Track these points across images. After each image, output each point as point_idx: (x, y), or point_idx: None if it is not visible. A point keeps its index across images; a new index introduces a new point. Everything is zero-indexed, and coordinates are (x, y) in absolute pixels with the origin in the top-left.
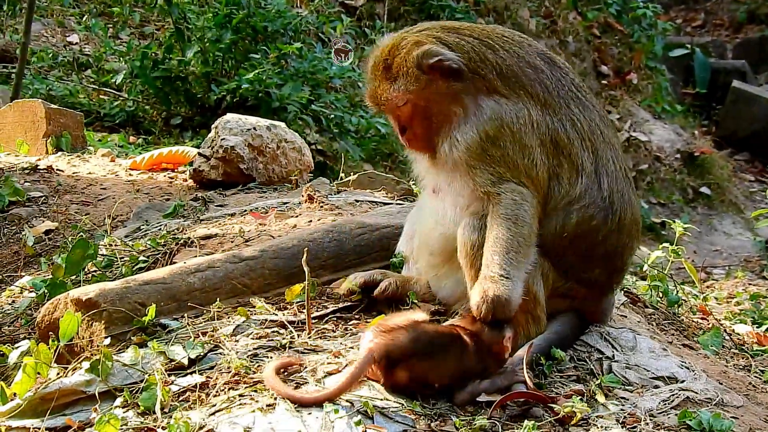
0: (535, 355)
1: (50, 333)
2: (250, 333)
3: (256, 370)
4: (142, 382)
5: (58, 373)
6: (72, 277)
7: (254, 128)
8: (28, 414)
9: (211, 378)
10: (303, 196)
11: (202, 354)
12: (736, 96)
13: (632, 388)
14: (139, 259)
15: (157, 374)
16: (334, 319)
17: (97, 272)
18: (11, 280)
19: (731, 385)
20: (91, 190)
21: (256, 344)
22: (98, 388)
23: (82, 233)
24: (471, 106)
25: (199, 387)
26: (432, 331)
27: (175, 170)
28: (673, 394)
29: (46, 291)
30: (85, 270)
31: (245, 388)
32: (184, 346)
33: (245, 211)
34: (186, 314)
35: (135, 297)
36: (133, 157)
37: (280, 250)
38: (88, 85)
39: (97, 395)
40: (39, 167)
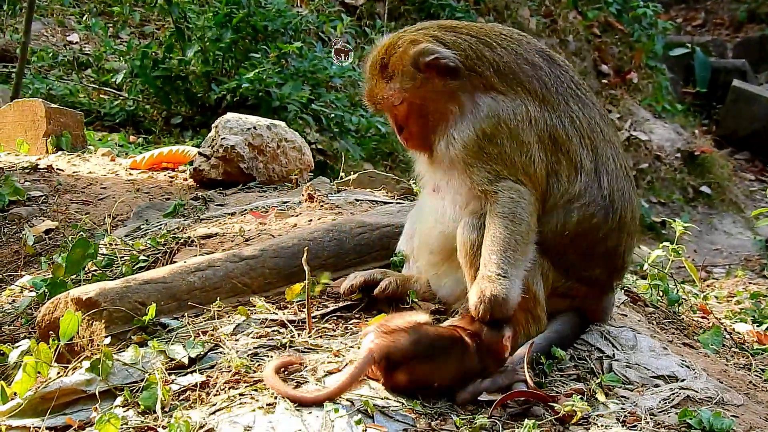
0: (535, 354)
1: (50, 332)
2: (251, 332)
3: (256, 369)
4: (142, 381)
5: (58, 373)
6: (72, 277)
7: (254, 127)
8: (29, 413)
9: (212, 377)
10: (303, 195)
11: (202, 353)
12: (737, 95)
13: (632, 387)
14: (140, 259)
15: (158, 373)
16: (335, 318)
17: (98, 271)
18: (11, 280)
19: (731, 384)
20: (92, 190)
21: (257, 343)
22: (98, 388)
23: (83, 232)
24: (468, 104)
25: (200, 386)
26: (433, 334)
27: (176, 169)
28: (674, 393)
29: (47, 290)
30: (86, 269)
31: (245, 388)
32: (185, 346)
33: (245, 211)
34: (186, 313)
35: (135, 296)
36: (134, 157)
37: (281, 249)
38: (88, 85)
39: (97, 394)
40: (39, 167)
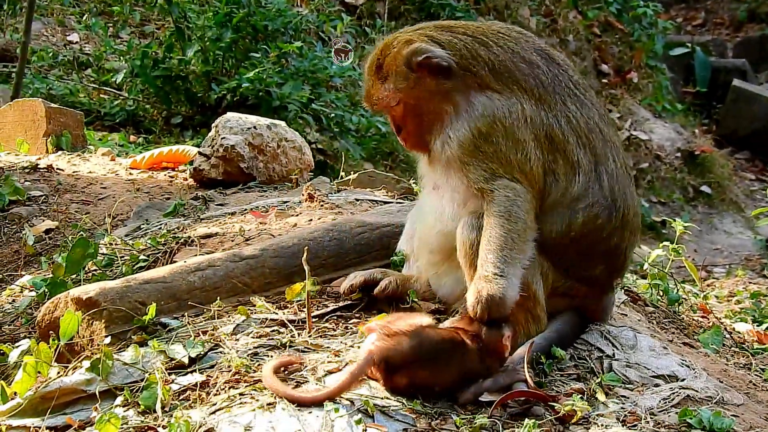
0: (535, 354)
1: (51, 332)
2: (251, 332)
3: (256, 369)
4: (142, 381)
5: (58, 372)
6: (72, 276)
7: (254, 127)
8: (29, 413)
9: (212, 377)
10: (303, 194)
11: (202, 353)
12: (737, 95)
13: (633, 387)
14: (140, 258)
15: (158, 373)
16: (335, 317)
17: (98, 271)
18: (11, 279)
19: (732, 384)
20: (92, 189)
21: (257, 343)
22: (99, 387)
23: (83, 232)
24: (462, 103)
25: (200, 386)
26: (435, 338)
27: (176, 169)
28: (674, 393)
29: (47, 290)
30: (86, 269)
31: (245, 387)
32: (185, 345)
33: (245, 210)
34: (186, 313)
35: (135, 296)
36: (134, 156)
37: (281, 248)
38: (88, 84)
39: (97, 394)
40: (39, 166)
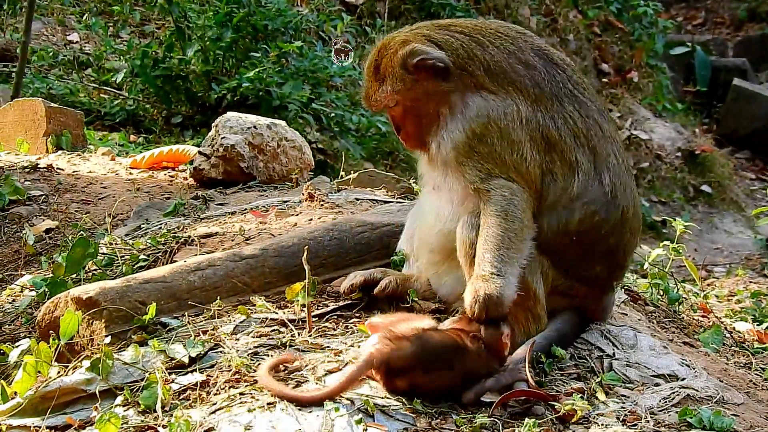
0: (535, 353)
1: (51, 332)
2: (251, 331)
3: (256, 368)
4: (142, 380)
5: (58, 372)
6: (72, 276)
7: (255, 127)
8: (29, 412)
9: (212, 376)
10: (303, 194)
11: (202, 352)
12: (737, 94)
13: (633, 386)
14: (140, 258)
15: (158, 373)
16: (335, 317)
17: (98, 271)
18: (12, 279)
19: (732, 383)
20: (92, 189)
21: (257, 342)
22: (99, 387)
23: (83, 232)
24: (458, 104)
25: (200, 385)
26: (437, 343)
27: (176, 169)
28: (674, 392)
29: (47, 290)
30: (86, 269)
31: (246, 387)
32: (185, 345)
33: (246, 210)
34: (186, 313)
35: (135, 295)
36: (134, 156)
37: (281, 248)
38: (88, 84)
39: (97, 394)
40: (39, 166)
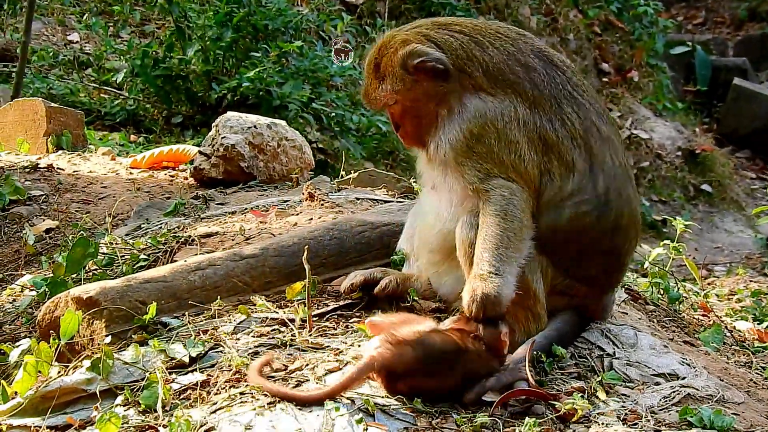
0: (536, 353)
1: (51, 331)
2: (251, 331)
3: None
4: (143, 380)
5: (59, 372)
6: (73, 276)
7: (255, 126)
8: (29, 412)
9: (212, 376)
10: (304, 194)
11: (202, 352)
12: (737, 93)
13: (633, 385)
14: (140, 258)
15: (158, 372)
16: (335, 316)
17: (98, 271)
18: (12, 279)
19: (732, 382)
20: (92, 189)
21: (257, 342)
22: (99, 387)
23: (83, 232)
24: (456, 105)
25: (200, 385)
26: (438, 346)
27: (176, 169)
28: (674, 391)
29: (47, 289)
30: (86, 268)
31: (246, 386)
32: (185, 345)
33: (246, 210)
34: (187, 312)
35: (136, 295)
36: (134, 156)
37: (281, 248)
38: (88, 84)
39: (98, 393)
40: (39, 166)
